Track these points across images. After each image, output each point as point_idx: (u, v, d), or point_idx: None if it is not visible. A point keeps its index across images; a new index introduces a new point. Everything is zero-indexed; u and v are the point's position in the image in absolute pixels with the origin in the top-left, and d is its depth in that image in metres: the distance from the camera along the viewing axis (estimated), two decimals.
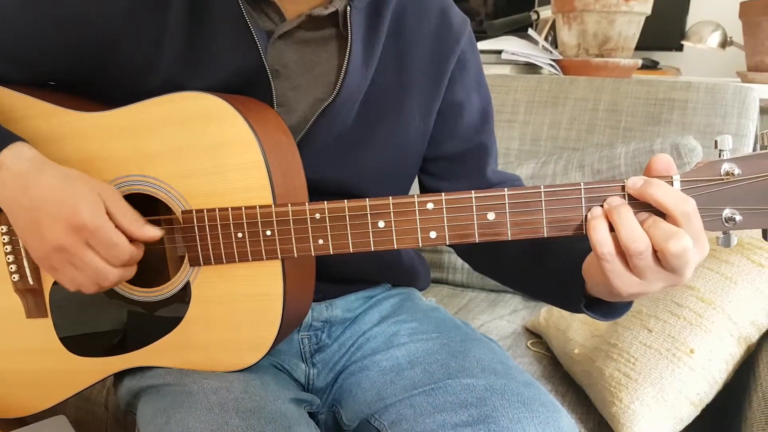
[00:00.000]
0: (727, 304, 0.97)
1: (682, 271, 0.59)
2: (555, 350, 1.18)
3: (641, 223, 0.59)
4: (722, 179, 0.61)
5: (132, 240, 0.71)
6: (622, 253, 0.60)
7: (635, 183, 0.60)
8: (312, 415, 0.82)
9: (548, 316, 1.24)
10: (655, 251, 0.59)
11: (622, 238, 0.59)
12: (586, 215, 0.63)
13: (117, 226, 0.70)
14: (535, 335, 1.28)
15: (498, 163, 0.97)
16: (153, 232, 0.72)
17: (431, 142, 0.90)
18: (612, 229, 0.61)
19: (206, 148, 0.72)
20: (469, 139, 0.91)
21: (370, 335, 0.90)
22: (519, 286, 0.91)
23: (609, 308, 0.72)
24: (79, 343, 0.81)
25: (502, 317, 1.37)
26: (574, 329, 1.14)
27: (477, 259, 0.96)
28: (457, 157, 0.91)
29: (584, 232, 0.63)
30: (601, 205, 0.62)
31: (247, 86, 0.76)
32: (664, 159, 0.62)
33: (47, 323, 0.81)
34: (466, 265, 1.54)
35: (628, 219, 0.59)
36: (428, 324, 0.89)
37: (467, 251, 0.98)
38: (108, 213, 0.70)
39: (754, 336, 0.98)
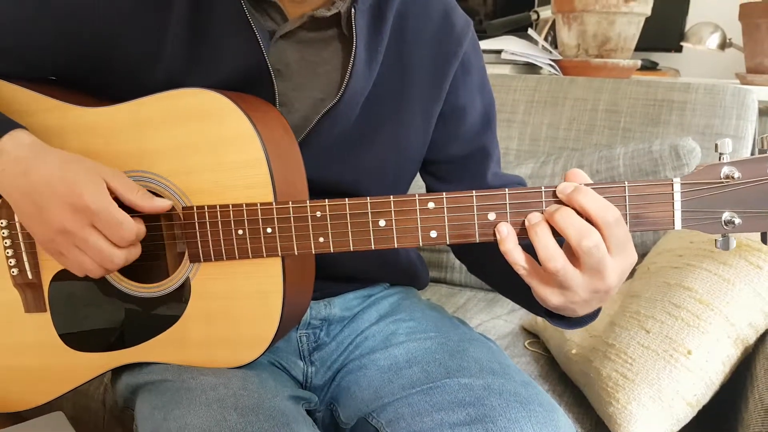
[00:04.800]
0: (724, 305, 0.97)
1: (602, 274, 0.62)
2: (552, 350, 1.18)
3: (553, 213, 0.62)
4: (722, 182, 0.61)
5: (140, 214, 0.71)
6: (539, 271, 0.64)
7: (565, 189, 0.63)
8: (310, 413, 0.82)
9: None
10: (571, 260, 0.62)
11: (540, 258, 0.62)
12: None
13: (125, 202, 0.70)
14: (532, 335, 1.28)
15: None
16: (162, 203, 0.71)
17: (434, 145, 0.90)
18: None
19: (208, 144, 0.71)
20: (470, 142, 0.91)
21: (369, 334, 0.90)
22: (502, 292, 0.92)
23: (570, 319, 0.73)
24: (78, 338, 0.81)
25: (500, 317, 1.37)
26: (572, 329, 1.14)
27: (468, 259, 0.97)
28: (458, 160, 0.91)
29: None
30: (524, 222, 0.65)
31: (249, 85, 0.76)
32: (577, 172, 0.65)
33: (46, 318, 0.81)
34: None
35: (544, 238, 0.62)
36: (426, 323, 0.89)
37: (461, 252, 0.98)
38: (113, 191, 0.70)
39: (751, 338, 0.98)
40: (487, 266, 0.91)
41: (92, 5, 0.74)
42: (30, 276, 0.80)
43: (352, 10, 0.75)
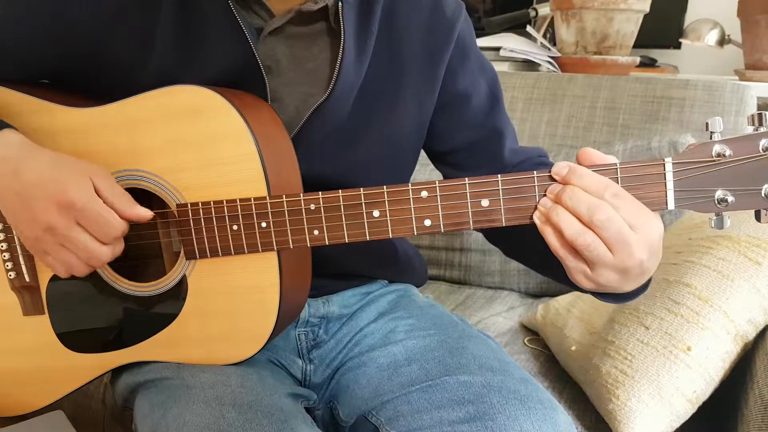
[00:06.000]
0: (724, 301, 0.97)
1: (628, 248, 0.60)
2: (552, 347, 1.18)
3: (559, 193, 0.61)
4: (714, 160, 0.61)
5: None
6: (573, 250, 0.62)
7: (560, 170, 0.63)
8: (309, 411, 0.82)
9: (545, 313, 1.24)
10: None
11: (568, 237, 0.61)
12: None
13: (107, 204, 0.70)
14: (532, 332, 1.28)
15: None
16: (143, 212, 0.72)
17: (444, 135, 0.89)
18: None
19: (200, 140, 0.71)
20: (481, 125, 0.90)
21: (368, 331, 0.90)
22: (546, 272, 0.89)
23: (617, 295, 0.70)
24: (77, 340, 0.81)
25: (499, 314, 1.37)
26: (571, 326, 1.14)
27: (504, 242, 0.95)
28: (472, 145, 0.90)
29: None
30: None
31: (240, 82, 0.76)
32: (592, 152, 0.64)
33: (44, 320, 0.81)
34: (464, 262, 1.55)
35: (566, 217, 0.61)
36: (425, 321, 0.89)
37: (497, 236, 0.95)
38: (98, 192, 0.70)
39: (751, 334, 0.98)
40: (536, 245, 0.87)
41: (80, 6, 0.74)
42: (27, 279, 0.80)
43: (340, 3, 0.75)
